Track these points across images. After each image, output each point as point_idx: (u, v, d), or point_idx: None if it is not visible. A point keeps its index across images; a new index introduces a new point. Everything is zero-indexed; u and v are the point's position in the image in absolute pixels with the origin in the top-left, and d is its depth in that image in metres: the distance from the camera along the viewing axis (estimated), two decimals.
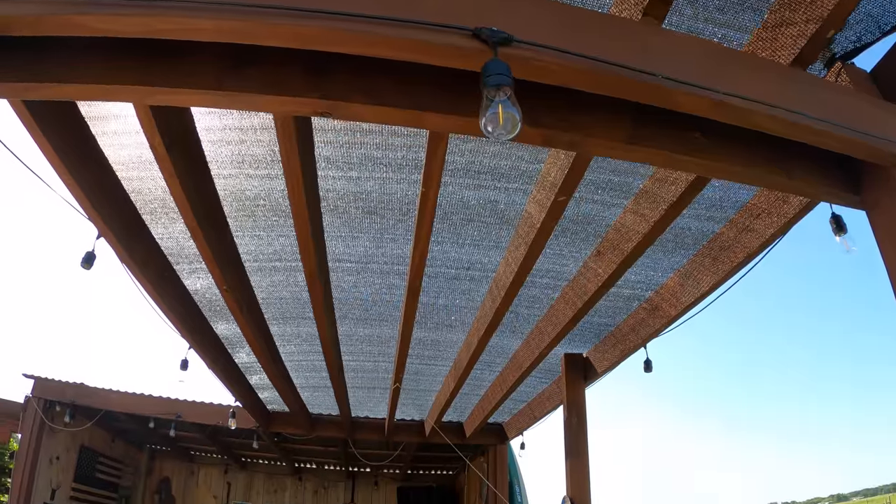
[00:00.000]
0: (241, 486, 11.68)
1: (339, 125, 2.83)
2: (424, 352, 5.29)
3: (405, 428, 7.68)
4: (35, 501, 7.77)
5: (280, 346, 5.25)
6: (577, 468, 4.82)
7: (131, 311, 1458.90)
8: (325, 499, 11.75)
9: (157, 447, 11.40)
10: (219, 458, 11.50)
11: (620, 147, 2.17)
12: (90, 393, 8.05)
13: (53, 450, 8.22)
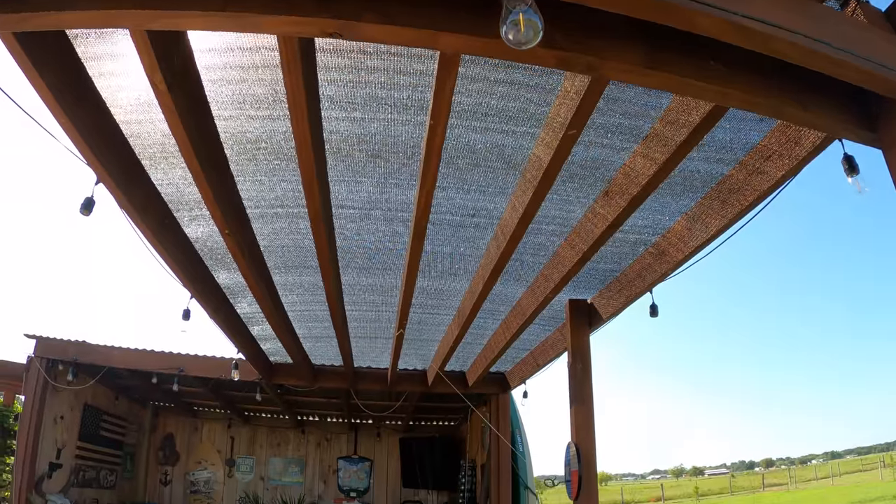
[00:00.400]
0: (245, 440, 11.79)
1: (344, 62, 2.75)
2: (428, 301, 5.26)
3: (408, 378, 7.70)
4: (41, 461, 7.85)
5: (282, 295, 5.21)
6: (581, 415, 4.82)
7: (133, 263, 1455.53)
8: (328, 451, 11.87)
9: (160, 404, 11.50)
10: (222, 413, 11.58)
11: (637, 71, 2.11)
12: (92, 350, 8.04)
13: (57, 409, 8.27)
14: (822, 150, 2.75)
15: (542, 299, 4.47)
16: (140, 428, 11.28)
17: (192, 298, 4.82)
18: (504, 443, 7.73)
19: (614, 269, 4.64)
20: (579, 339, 5.02)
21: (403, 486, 11.63)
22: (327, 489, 11.70)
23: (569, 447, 4.90)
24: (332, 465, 11.81)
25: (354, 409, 10.21)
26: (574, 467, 4.76)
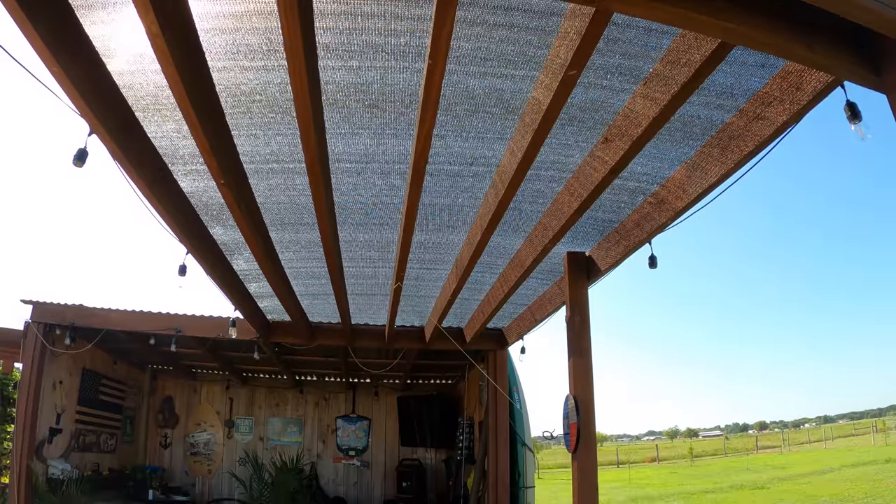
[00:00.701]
0: (243, 401, 11.89)
1: (340, 8, 2.71)
2: (425, 255, 5.25)
3: (405, 334, 7.71)
4: (41, 426, 7.89)
5: (280, 252, 5.19)
6: (580, 367, 4.84)
7: (130, 223, 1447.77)
8: (327, 410, 11.99)
9: (158, 367, 11.57)
10: (220, 375, 11.69)
11: (641, 4, 2.07)
12: (90, 313, 8.03)
13: (56, 374, 8.31)
14: (824, 96, 2.72)
15: (541, 249, 4.44)
16: (139, 391, 11.36)
17: (188, 254, 4.79)
18: (502, 399, 7.77)
19: (613, 220, 4.62)
20: (577, 292, 5.01)
21: (402, 445, 11.77)
22: (326, 448, 11.85)
23: (567, 400, 4.92)
24: (331, 424, 11.94)
25: (352, 368, 10.28)
26: (573, 420, 4.78)
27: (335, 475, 11.83)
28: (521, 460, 8.18)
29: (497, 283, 5.75)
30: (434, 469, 11.72)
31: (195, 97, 2.88)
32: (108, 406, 10.07)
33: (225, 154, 3.54)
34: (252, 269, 5.67)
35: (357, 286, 6.11)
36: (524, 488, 8.27)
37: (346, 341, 7.71)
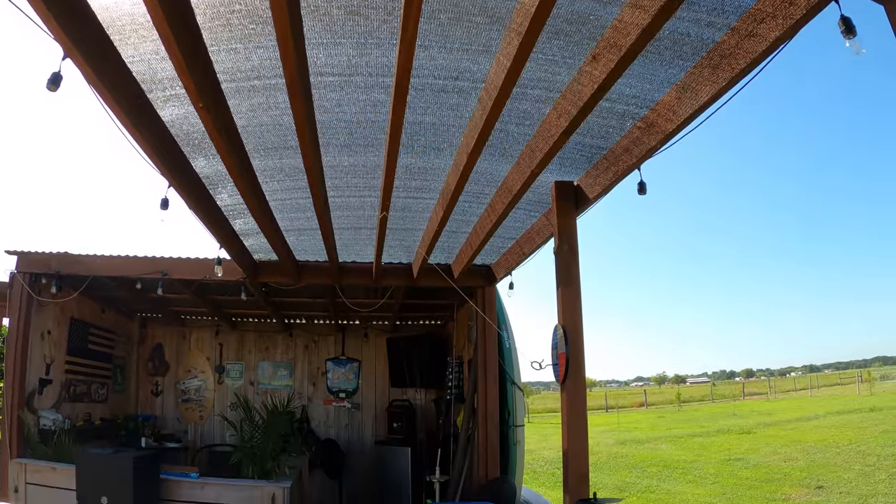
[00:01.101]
0: (233, 346, 11.92)
1: None
2: (412, 182, 5.15)
3: (393, 271, 7.65)
4: (31, 377, 7.87)
5: (263, 182, 5.08)
6: (568, 296, 4.81)
7: (110, 161, 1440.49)
8: (316, 353, 12.03)
9: (147, 315, 11.56)
10: (209, 321, 11.67)
11: None
12: (75, 260, 7.96)
13: (44, 324, 8.26)
14: (818, 11, 2.66)
15: (529, 174, 4.36)
16: (128, 340, 11.36)
17: (169, 187, 4.70)
18: (490, 337, 7.77)
19: (601, 146, 4.54)
20: (565, 222, 4.97)
21: (392, 386, 11.82)
22: (316, 391, 11.90)
23: (556, 330, 4.90)
24: (321, 366, 11.98)
25: (341, 310, 10.26)
26: (561, 350, 4.76)
27: (326, 417, 11.91)
28: (511, 399, 8.21)
29: (485, 213, 5.68)
30: (424, 409, 11.78)
31: (168, 9, 2.78)
32: (98, 355, 10.04)
33: (203, 75, 3.43)
34: (236, 204, 5.59)
35: (343, 219, 6.01)
36: (514, 426, 8.31)
37: (333, 279, 7.65)
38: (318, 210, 5.20)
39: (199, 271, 7.80)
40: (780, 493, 12.65)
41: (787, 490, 12.86)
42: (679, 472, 16.36)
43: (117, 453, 6.71)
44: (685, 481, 15.06)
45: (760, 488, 13.31)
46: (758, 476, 14.87)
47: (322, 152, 4.51)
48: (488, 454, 7.58)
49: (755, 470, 15.83)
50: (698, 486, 14.34)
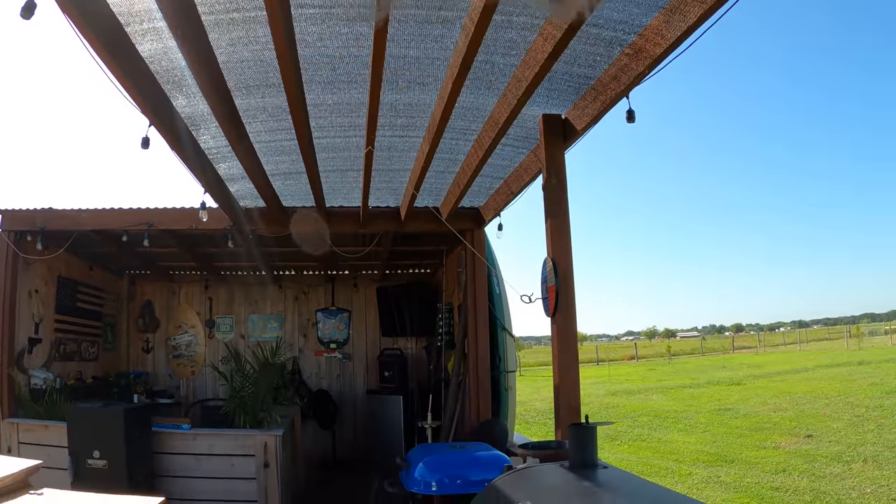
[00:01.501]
0: (223, 300, 11.94)
1: None
2: (397, 120, 5.07)
3: (380, 215, 7.62)
4: (19, 337, 7.86)
5: (247, 123, 5.00)
6: (557, 229, 4.78)
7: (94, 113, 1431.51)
8: (306, 304, 12.05)
9: (136, 272, 11.52)
10: (198, 275, 11.66)
11: None
12: (59, 216, 7.89)
13: (31, 283, 8.23)
14: None
15: (515, 104, 4.29)
16: (117, 298, 11.32)
17: (150, 126, 4.62)
18: (480, 281, 7.74)
19: (589, 76, 4.46)
20: (553, 155, 4.91)
21: (382, 335, 11.86)
22: (307, 342, 11.95)
23: (545, 263, 4.88)
24: (311, 317, 12.00)
25: (330, 259, 10.26)
26: (551, 283, 4.75)
27: (318, 368, 11.96)
28: (502, 344, 8.23)
29: (472, 149, 5.60)
30: (415, 357, 11.84)
31: None
32: (87, 313, 10.02)
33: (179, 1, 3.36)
34: (220, 147, 5.50)
35: (329, 161, 5.93)
36: (505, 372, 8.35)
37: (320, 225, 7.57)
38: (304, 151, 5.14)
39: (185, 221, 7.74)
40: (769, 441, 12.81)
41: (777, 438, 13.02)
42: (670, 422, 16.55)
43: (108, 407, 6.71)
44: (676, 430, 15.23)
45: (751, 436, 13.47)
46: (748, 425, 15.05)
47: (305, 90, 4.42)
48: (479, 398, 7.61)
49: (745, 419, 16.03)
50: (689, 434, 14.51)
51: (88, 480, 6.12)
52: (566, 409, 4.52)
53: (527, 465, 3.00)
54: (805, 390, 21.10)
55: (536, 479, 2.53)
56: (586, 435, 2.60)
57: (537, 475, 2.59)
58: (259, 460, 7.07)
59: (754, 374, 30.04)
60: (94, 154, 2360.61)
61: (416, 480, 4.80)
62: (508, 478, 2.68)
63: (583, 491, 2.25)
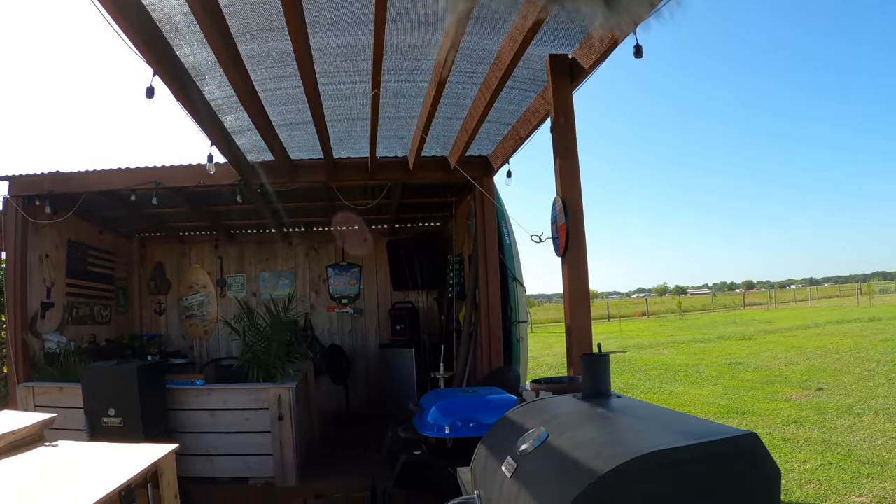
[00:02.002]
0: (233, 259, 11.98)
1: None
2: (403, 63, 5.01)
3: (389, 165, 7.57)
4: (32, 301, 7.97)
5: (251, 70, 4.95)
6: (566, 168, 4.75)
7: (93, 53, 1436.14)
8: (317, 260, 12.08)
9: (146, 235, 11.61)
10: (208, 235, 11.72)
11: None
12: (67, 178, 7.91)
13: (41, 248, 8.32)
14: None
15: (521, 41, 4.23)
16: (128, 261, 11.44)
17: (154, 76, 4.58)
18: (490, 230, 7.72)
19: None
20: (561, 95, 4.86)
21: (393, 289, 11.90)
22: (319, 298, 12.00)
23: (555, 202, 4.86)
24: (322, 273, 12.04)
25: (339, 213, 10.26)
26: (561, 221, 4.73)
27: (330, 324, 12.03)
28: (513, 294, 8.24)
29: (479, 93, 5.53)
30: (427, 310, 11.92)
31: None
32: (99, 277, 10.13)
33: None
34: (224, 97, 5.47)
35: (335, 109, 5.89)
36: (516, 322, 8.37)
37: (328, 177, 7.59)
38: (310, 96, 5.09)
39: (193, 177, 7.76)
40: (780, 394, 12.84)
41: (788, 391, 13.05)
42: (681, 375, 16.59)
43: (121, 365, 6.77)
44: (687, 383, 15.28)
45: (761, 389, 13.50)
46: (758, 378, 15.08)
47: (309, 33, 4.37)
48: (491, 347, 7.65)
49: (756, 373, 16.05)
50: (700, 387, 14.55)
51: (104, 438, 6.19)
52: (578, 348, 4.52)
53: (539, 397, 3.01)
54: (816, 345, 21.11)
55: (549, 408, 2.53)
56: (599, 364, 2.60)
57: (550, 405, 2.59)
58: (273, 413, 7.14)
59: (765, 330, 30.10)
60: (101, 116, 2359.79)
61: (429, 424, 4.84)
62: (521, 409, 2.69)
63: (596, 416, 2.25)
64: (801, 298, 69.59)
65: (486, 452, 2.57)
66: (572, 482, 1.66)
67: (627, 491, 1.57)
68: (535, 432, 2.21)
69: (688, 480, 1.65)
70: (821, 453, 8.16)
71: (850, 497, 6.56)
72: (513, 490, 2.00)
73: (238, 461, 7.20)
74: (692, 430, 1.81)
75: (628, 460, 1.60)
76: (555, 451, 1.99)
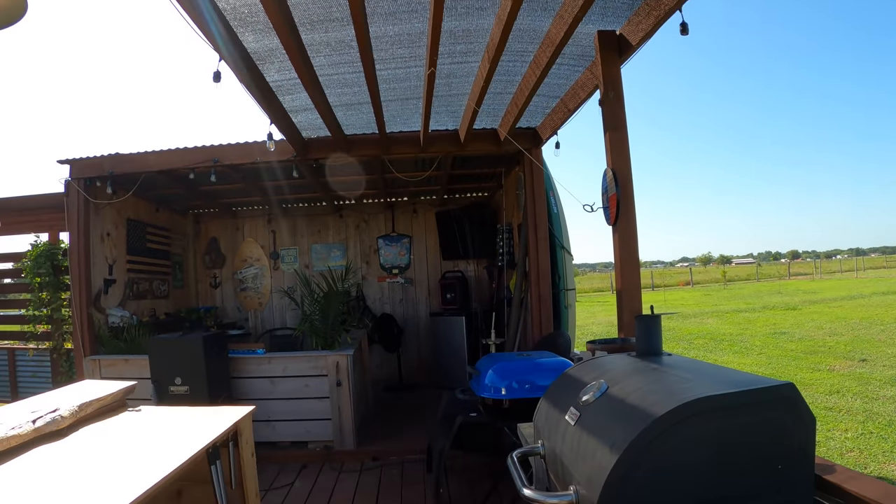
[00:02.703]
0: (286, 232, 12.29)
1: None
2: (456, 47, 5.22)
3: (440, 138, 7.76)
4: (95, 278, 8.38)
5: (312, 58, 5.21)
6: (616, 141, 4.91)
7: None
8: (367, 232, 12.36)
9: (200, 210, 11.99)
10: (261, 209, 12.06)
11: None
12: (127, 160, 8.22)
13: (103, 227, 8.70)
14: None
15: (571, 21, 4.40)
16: (184, 236, 11.84)
17: (220, 61, 4.83)
18: (539, 199, 7.87)
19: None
20: (610, 70, 5.01)
21: (443, 259, 12.16)
22: (370, 269, 12.31)
23: (605, 174, 5.03)
24: (373, 244, 12.32)
25: (390, 186, 10.56)
26: (612, 192, 4.91)
27: (381, 294, 12.33)
28: (561, 262, 8.40)
29: (528, 70, 5.72)
30: (476, 278, 12.17)
31: None
32: (156, 253, 10.54)
33: None
34: (284, 80, 5.73)
35: (389, 91, 6.13)
36: (564, 290, 8.54)
37: (381, 150, 7.80)
38: (368, 75, 5.31)
39: (250, 155, 8.03)
40: (824, 364, 12.84)
41: (832, 362, 13.03)
42: (726, 344, 16.59)
43: (186, 336, 7.12)
44: (732, 352, 15.30)
45: (805, 359, 13.50)
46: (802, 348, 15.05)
47: (368, 23, 4.60)
48: (542, 314, 7.84)
49: (800, 343, 16.00)
50: (745, 356, 14.57)
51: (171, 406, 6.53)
52: (628, 312, 4.74)
53: (595, 356, 3.21)
54: (861, 316, 20.95)
55: (606, 365, 2.74)
56: (652, 324, 2.82)
57: (606, 363, 2.80)
58: (331, 379, 7.45)
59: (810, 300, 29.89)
60: (160, 100, 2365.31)
61: (486, 386, 5.07)
62: (579, 367, 2.91)
63: (650, 370, 2.45)
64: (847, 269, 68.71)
65: (548, 406, 2.79)
66: (632, 424, 1.89)
67: (681, 430, 1.80)
68: (596, 384, 2.44)
69: (733, 422, 1.88)
70: (862, 423, 8.26)
71: (890, 466, 6.70)
72: (577, 435, 2.24)
73: (298, 426, 7.56)
74: (737, 381, 2.03)
75: (682, 404, 1.83)
76: (615, 399, 2.22)
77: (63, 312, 8.88)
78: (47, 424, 2.96)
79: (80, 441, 2.96)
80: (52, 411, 3.08)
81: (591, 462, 1.97)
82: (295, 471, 6.97)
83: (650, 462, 1.78)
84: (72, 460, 2.60)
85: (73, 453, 2.72)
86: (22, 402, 3.38)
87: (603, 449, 1.93)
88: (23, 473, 2.46)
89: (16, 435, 2.73)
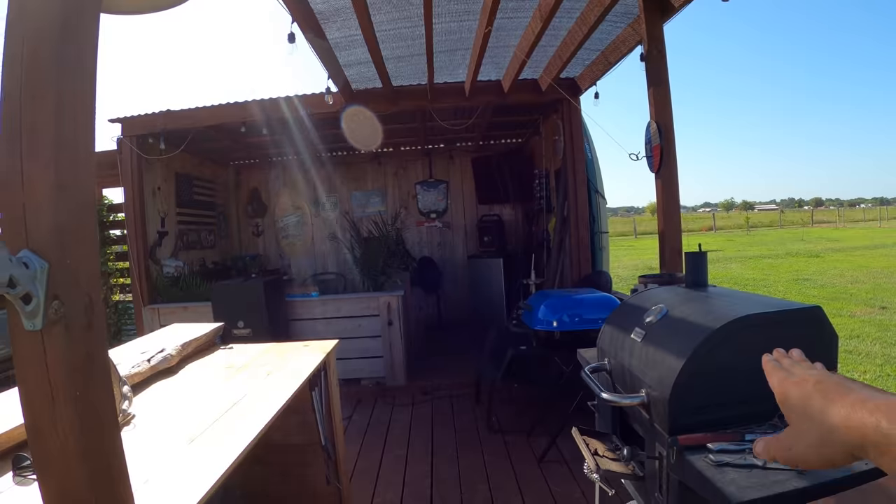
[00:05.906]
0: (326, 181, 12.58)
1: None
2: (508, 3, 5.53)
3: (483, 89, 8.04)
4: (150, 230, 8.78)
5: (372, 14, 5.55)
6: (659, 95, 5.23)
7: None
8: (405, 178, 12.72)
9: (240, 162, 12.32)
10: (300, 159, 12.27)
11: None
12: (179, 116, 8.48)
13: (153, 182, 9.09)
14: None
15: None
16: (226, 188, 12.22)
17: (293, 23, 5.18)
18: (578, 146, 8.19)
19: None
20: (653, 28, 5.28)
21: (479, 203, 12.55)
22: (408, 214, 12.71)
23: (649, 125, 5.38)
24: (411, 190, 12.70)
25: (429, 133, 10.90)
26: (656, 142, 5.26)
27: (419, 238, 12.75)
28: (595, 206, 8.73)
29: (574, 25, 6.03)
30: (512, 223, 12.55)
31: None
32: (203, 205, 10.94)
33: None
34: (342, 37, 6.07)
35: (440, 44, 6.45)
36: (599, 233, 8.89)
37: (427, 101, 8.11)
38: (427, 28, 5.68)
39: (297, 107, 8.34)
40: (845, 310, 13.00)
41: (852, 308, 13.18)
42: (749, 289, 16.68)
43: (247, 281, 7.56)
44: None
45: (827, 305, 13.57)
46: (824, 295, 15.18)
47: None
48: (581, 255, 8.25)
49: (822, 289, 16.13)
50: None
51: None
52: (670, 251, 5.15)
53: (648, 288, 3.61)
54: (883, 265, 21.08)
55: (661, 295, 3.13)
56: (700, 260, 3.21)
57: (661, 293, 3.19)
58: (383, 319, 7.90)
59: (833, 248, 29.96)
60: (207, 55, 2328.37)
61: (539, 320, 5.51)
62: (637, 296, 3.32)
63: (701, 298, 2.84)
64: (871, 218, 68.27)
65: (612, 329, 3.19)
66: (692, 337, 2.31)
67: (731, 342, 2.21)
68: (657, 308, 2.86)
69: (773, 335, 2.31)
70: (880, 366, 8.57)
71: None
72: (645, 350, 2.66)
73: (352, 364, 8.04)
74: (775, 304, 2.44)
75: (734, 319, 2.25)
76: (675, 319, 2.63)
77: (109, 266, 9.20)
78: (160, 363, 3.28)
79: (190, 376, 3.28)
80: (160, 351, 3.38)
81: (661, 367, 2.39)
82: (351, 406, 7.45)
83: (710, 364, 2.19)
84: (195, 391, 2.92)
85: (191, 385, 3.04)
86: (127, 345, 3.66)
87: (671, 356, 2.35)
88: (173, 398, 2.82)
89: (137, 373, 3.04)
